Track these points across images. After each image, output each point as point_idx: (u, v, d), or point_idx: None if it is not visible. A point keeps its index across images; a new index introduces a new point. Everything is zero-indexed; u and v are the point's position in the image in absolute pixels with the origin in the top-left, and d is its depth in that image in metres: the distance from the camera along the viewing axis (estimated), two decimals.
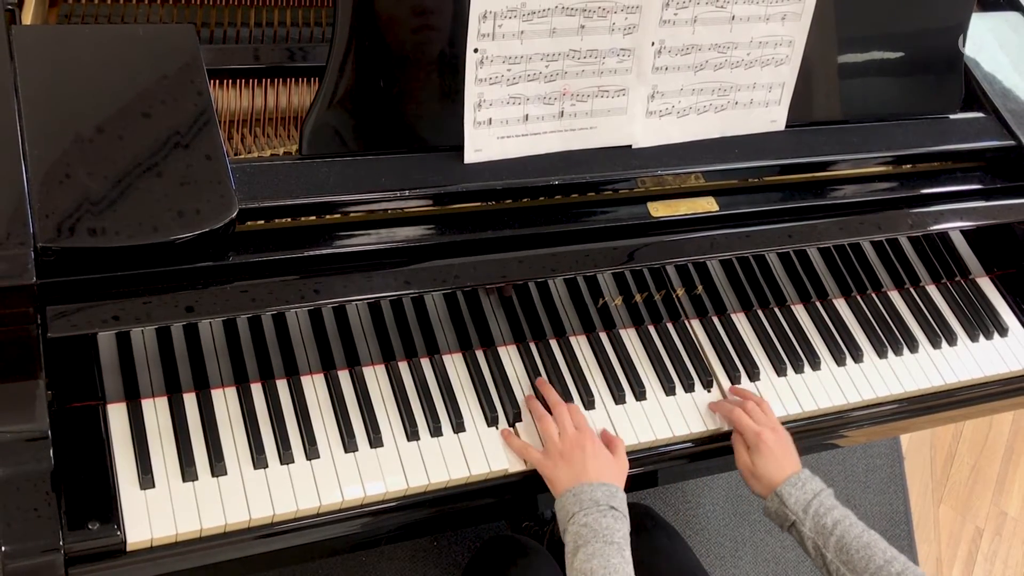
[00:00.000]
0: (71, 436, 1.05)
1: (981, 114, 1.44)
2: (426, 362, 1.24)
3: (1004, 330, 1.51)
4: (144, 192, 1.00)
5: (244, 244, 1.05)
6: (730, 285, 1.40)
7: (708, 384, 1.33)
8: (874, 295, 1.50)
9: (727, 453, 1.27)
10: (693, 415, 1.29)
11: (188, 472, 1.08)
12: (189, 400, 1.14)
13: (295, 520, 1.10)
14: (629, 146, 1.23)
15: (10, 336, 0.96)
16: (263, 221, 1.07)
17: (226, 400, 1.15)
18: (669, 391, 1.31)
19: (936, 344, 1.46)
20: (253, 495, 1.08)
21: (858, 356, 1.41)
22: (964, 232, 1.52)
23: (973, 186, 1.42)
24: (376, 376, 1.22)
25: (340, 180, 1.09)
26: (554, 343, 1.31)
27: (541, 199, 1.20)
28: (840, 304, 1.47)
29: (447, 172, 1.14)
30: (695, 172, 1.25)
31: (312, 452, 1.13)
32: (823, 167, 1.34)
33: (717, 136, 1.28)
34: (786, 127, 1.31)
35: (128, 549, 1.02)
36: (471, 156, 1.15)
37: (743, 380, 1.34)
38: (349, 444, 1.15)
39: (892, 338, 1.44)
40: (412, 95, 1.14)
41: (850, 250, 1.47)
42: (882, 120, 1.38)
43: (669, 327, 1.37)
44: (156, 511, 1.04)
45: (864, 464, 2.27)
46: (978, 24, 1.48)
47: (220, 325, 1.13)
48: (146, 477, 1.06)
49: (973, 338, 1.48)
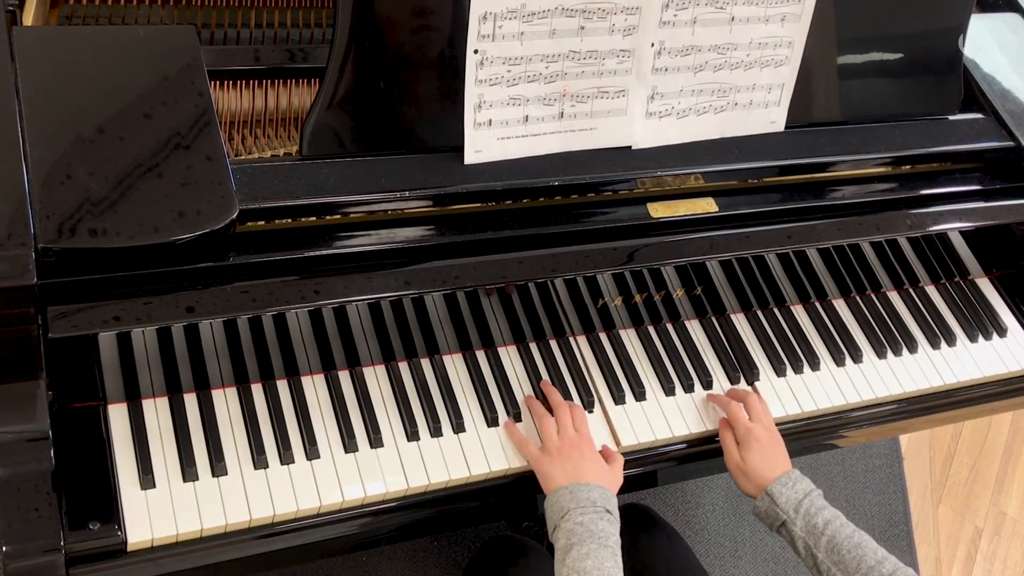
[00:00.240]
0: (72, 436, 1.05)
1: (980, 115, 1.44)
2: (426, 362, 1.25)
3: (1003, 330, 1.51)
4: (145, 193, 1.00)
5: (245, 245, 1.05)
6: (729, 286, 1.40)
7: (708, 384, 1.33)
8: (873, 296, 1.50)
9: None
10: (693, 415, 1.29)
11: (189, 472, 1.08)
12: (190, 400, 1.14)
13: (295, 520, 1.10)
14: (629, 147, 1.23)
15: (11, 336, 0.96)
16: (263, 222, 1.07)
17: (226, 400, 1.15)
18: (669, 391, 1.31)
19: (935, 345, 1.46)
20: (253, 495, 1.08)
21: (857, 356, 1.41)
22: (963, 233, 1.52)
23: (972, 187, 1.42)
24: (376, 376, 1.22)
25: (340, 181, 1.10)
26: (554, 343, 1.31)
27: (541, 200, 1.20)
28: (839, 305, 1.47)
29: (447, 173, 1.14)
30: (695, 173, 1.26)
31: (312, 452, 1.13)
32: (822, 168, 1.34)
33: (717, 137, 1.28)
34: (785, 128, 1.32)
35: (129, 549, 1.02)
36: (471, 157, 1.15)
37: (742, 381, 1.35)
38: (349, 444, 1.15)
39: (891, 339, 1.44)
40: (412, 96, 1.14)
41: (849, 251, 1.47)
42: (881, 121, 1.38)
43: (669, 328, 1.37)
44: (157, 511, 1.05)
45: (863, 464, 2.27)
46: (977, 25, 1.48)
47: (221, 325, 1.13)
48: (147, 477, 1.06)
49: (972, 338, 1.49)
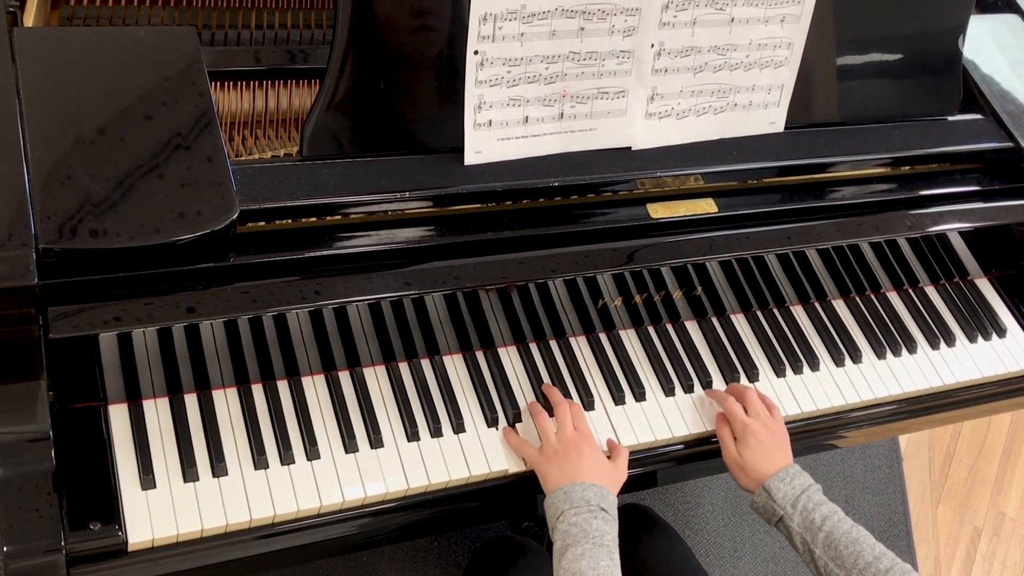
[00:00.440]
0: (73, 437, 1.05)
1: (979, 116, 1.44)
2: (426, 363, 1.25)
3: (1002, 331, 1.51)
4: (145, 193, 1.00)
5: (245, 245, 1.06)
6: (729, 286, 1.40)
7: (707, 385, 1.33)
8: (873, 296, 1.50)
9: None
10: (692, 416, 1.29)
11: (189, 472, 1.08)
12: (190, 401, 1.14)
13: (296, 520, 1.10)
14: (628, 148, 1.24)
15: (12, 337, 0.97)
16: (264, 222, 1.07)
17: (227, 401, 1.15)
18: (668, 392, 1.31)
19: (935, 345, 1.46)
20: (254, 495, 1.09)
21: (857, 357, 1.41)
22: (962, 233, 1.52)
23: (971, 187, 1.42)
24: (376, 377, 1.22)
25: (341, 181, 1.10)
26: (554, 344, 1.32)
27: (541, 200, 1.20)
28: (839, 305, 1.47)
29: (447, 174, 1.14)
30: (694, 174, 1.26)
31: (313, 452, 1.13)
32: (822, 169, 1.34)
33: (716, 138, 1.28)
34: (785, 129, 1.32)
35: (129, 549, 1.03)
36: (471, 158, 1.15)
37: (742, 381, 1.35)
38: (350, 445, 1.15)
39: (891, 339, 1.45)
40: (412, 97, 1.14)
41: (849, 251, 1.47)
42: (881, 122, 1.38)
43: (668, 328, 1.37)
44: (157, 511, 1.05)
45: (863, 465, 2.28)
46: (976, 26, 1.49)
47: (221, 326, 1.13)
48: (147, 477, 1.06)
49: (971, 339, 1.49)
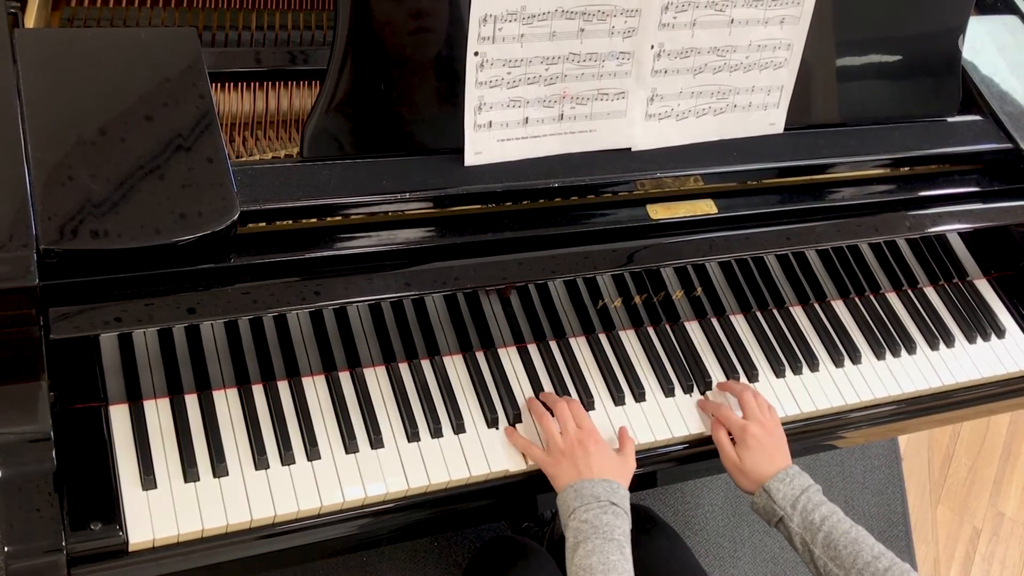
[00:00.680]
0: (73, 437, 1.06)
1: (979, 117, 1.45)
2: (427, 363, 1.25)
3: (1001, 332, 1.52)
4: (146, 194, 1.00)
5: (245, 246, 1.06)
6: (729, 287, 1.41)
7: (707, 386, 1.33)
8: (872, 297, 1.50)
9: None
10: (692, 416, 1.30)
11: (190, 473, 1.08)
12: (191, 401, 1.14)
13: (296, 521, 1.11)
14: (628, 149, 1.24)
15: (13, 338, 0.97)
16: (264, 223, 1.08)
17: (227, 401, 1.16)
18: (668, 392, 1.31)
19: (934, 346, 1.47)
20: (254, 496, 1.09)
21: (856, 358, 1.41)
22: (962, 234, 1.52)
23: (971, 188, 1.42)
24: (377, 377, 1.22)
25: (341, 182, 1.10)
26: (554, 344, 1.32)
27: (541, 201, 1.21)
28: (838, 306, 1.48)
29: (447, 174, 1.14)
30: (694, 175, 1.26)
31: (313, 453, 1.14)
32: (821, 170, 1.34)
33: (716, 139, 1.29)
34: (784, 130, 1.32)
35: (130, 549, 1.03)
36: (471, 159, 1.15)
37: (742, 381, 1.35)
38: (350, 445, 1.15)
39: (890, 340, 1.45)
40: (412, 98, 1.14)
41: (848, 252, 1.47)
42: (880, 123, 1.38)
43: (668, 329, 1.37)
44: (158, 512, 1.05)
45: (862, 465, 2.28)
46: (976, 27, 1.49)
47: (222, 327, 1.14)
48: (148, 478, 1.06)
49: (970, 340, 1.49)
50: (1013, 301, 1.56)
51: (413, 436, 1.18)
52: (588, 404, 1.27)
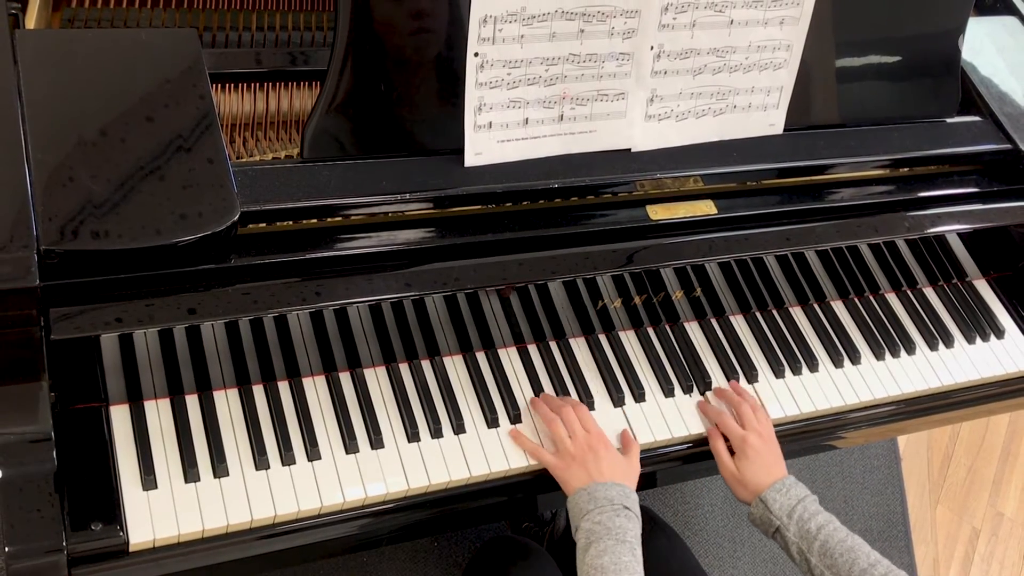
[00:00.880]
0: (74, 437, 1.06)
1: (978, 118, 1.45)
2: (427, 364, 1.25)
3: (1000, 332, 1.52)
4: (147, 195, 1.00)
5: (246, 247, 1.06)
6: (728, 288, 1.41)
7: (707, 386, 1.33)
8: (871, 297, 1.50)
9: None
10: (692, 417, 1.30)
11: (190, 473, 1.08)
12: (191, 402, 1.14)
13: (297, 521, 1.11)
14: (628, 149, 1.24)
15: (14, 338, 0.97)
16: (265, 224, 1.08)
17: (228, 402, 1.16)
18: (668, 393, 1.31)
19: (933, 346, 1.47)
20: (255, 496, 1.09)
21: (855, 358, 1.42)
22: (961, 235, 1.53)
23: (970, 189, 1.42)
24: (377, 378, 1.22)
25: (341, 183, 1.10)
26: (554, 345, 1.32)
27: (541, 202, 1.21)
28: (838, 306, 1.48)
29: (447, 175, 1.14)
30: (694, 175, 1.26)
31: (313, 453, 1.14)
32: (821, 170, 1.35)
33: (716, 140, 1.29)
34: (784, 131, 1.32)
35: (131, 550, 1.03)
36: (471, 159, 1.15)
37: (741, 382, 1.35)
38: (350, 445, 1.16)
39: (889, 340, 1.45)
40: (413, 99, 1.14)
41: (848, 253, 1.47)
42: (879, 124, 1.39)
43: (668, 329, 1.38)
44: (158, 512, 1.05)
45: (862, 465, 2.28)
46: (975, 28, 1.49)
47: (222, 327, 1.14)
48: (148, 478, 1.06)
49: (970, 340, 1.49)
50: (1012, 302, 1.56)
51: (413, 436, 1.18)
52: (588, 404, 1.27)
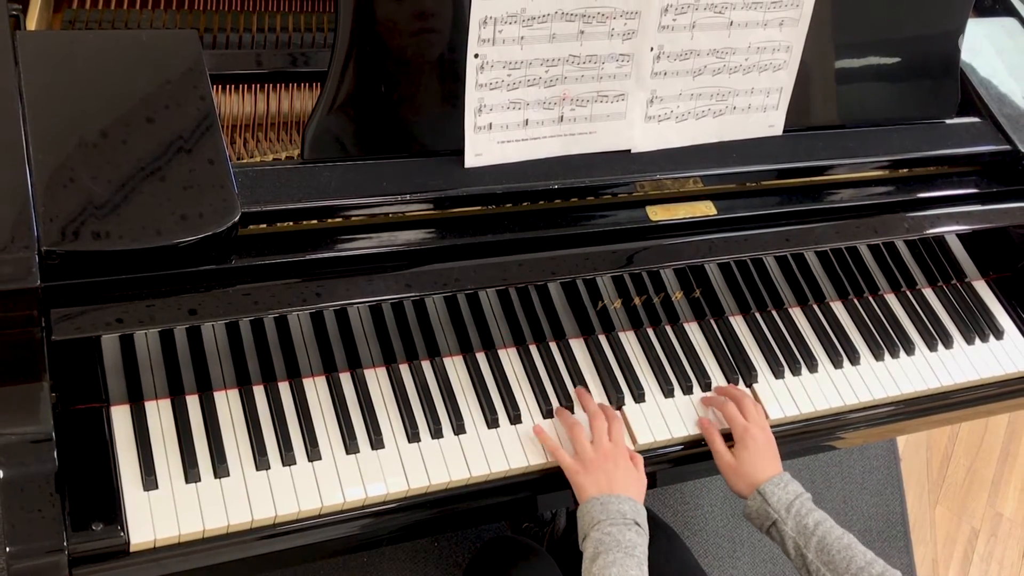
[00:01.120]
0: (75, 438, 1.06)
1: (977, 119, 1.45)
2: (427, 364, 1.25)
3: (1000, 333, 1.52)
4: (147, 196, 1.00)
5: (246, 247, 1.06)
6: (728, 288, 1.41)
7: (706, 387, 1.34)
8: (871, 298, 1.51)
9: None
10: (691, 417, 1.30)
11: (191, 473, 1.09)
12: (192, 402, 1.14)
13: (297, 521, 1.11)
14: (628, 150, 1.24)
15: (14, 339, 0.97)
16: (265, 225, 1.08)
17: (228, 402, 1.16)
18: (668, 393, 1.31)
19: (932, 347, 1.47)
20: (255, 496, 1.09)
21: (855, 359, 1.42)
22: (960, 236, 1.53)
23: (969, 190, 1.43)
24: (377, 378, 1.23)
25: (342, 184, 1.10)
26: (553, 346, 1.32)
27: (541, 203, 1.21)
28: (837, 307, 1.48)
29: (448, 176, 1.15)
30: (693, 176, 1.26)
31: (314, 453, 1.14)
32: (820, 171, 1.35)
33: (715, 141, 1.29)
34: (784, 132, 1.32)
35: (131, 550, 1.03)
36: (471, 160, 1.16)
37: (741, 382, 1.35)
38: (351, 446, 1.16)
39: (889, 341, 1.45)
40: (413, 100, 1.15)
41: (847, 254, 1.48)
42: (879, 125, 1.39)
43: (667, 330, 1.38)
44: (159, 512, 1.05)
45: (861, 466, 2.28)
46: (974, 29, 1.49)
47: (223, 328, 1.14)
48: (149, 478, 1.07)
49: (969, 341, 1.50)
50: (1011, 302, 1.56)
51: (413, 437, 1.19)
52: None
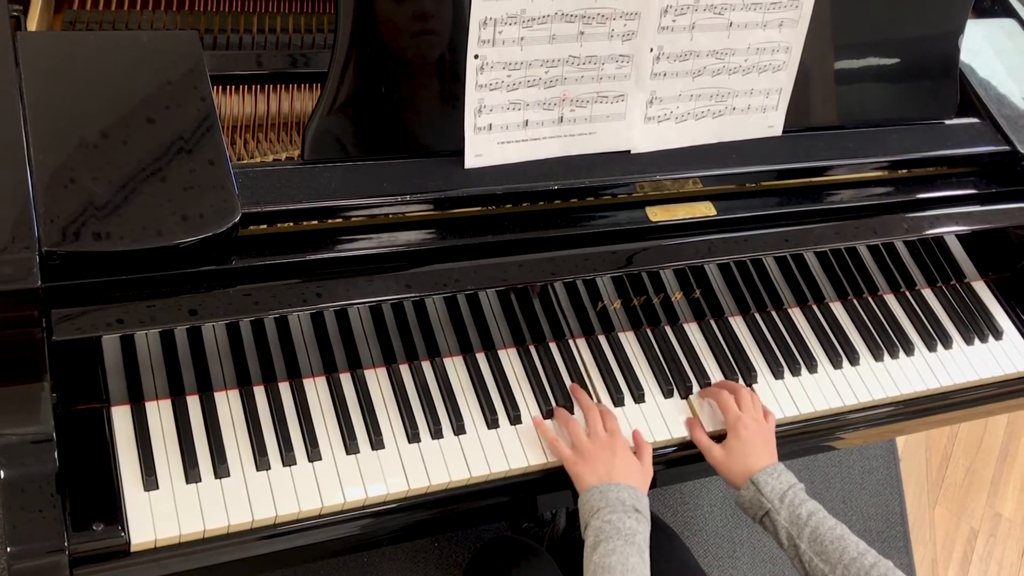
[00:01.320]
0: (76, 438, 1.06)
1: (976, 120, 1.45)
2: (427, 365, 1.25)
3: (999, 333, 1.52)
4: (148, 197, 1.00)
5: (247, 248, 1.06)
6: (728, 289, 1.41)
7: (706, 387, 1.34)
8: (870, 299, 1.51)
9: None
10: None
11: (191, 474, 1.09)
12: (192, 402, 1.15)
13: (297, 521, 1.11)
14: (628, 151, 1.24)
15: (15, 339, 0.97)
16: (266, 225, 1.08)
17: (229, 402, 1.16)
18: (667, 394, 1.32)
19: (931, 347, 1.47)
20: (256, 496, 1.09)
21: (854, 359, 1.42)
22: (959, 236, 1.53)
23: (968, 191, 1.43)
24: (377, 378, 1.23)
25: (342, 185, 1.10)
26: (553, 346, 1.32)
27: (541, 204, 1.21)
28: (836, 308, 1.48)
29: (448, 177, 1.15)
30: (693, 177, 1.26)
31: (314, 454, 1.14)
32: (820, 172, 1.35)
33: (715, 141, 1.29)
34: (783, 132, 1.33)
35: (132, 550, 1.03)
36: (471, 161, 1.16)
37: (740, 383, 1.35)
38: (351, 446, 1.16)
39: (888, 341, 1.45)
40: (413, 101, 1.15)
41: (846, 254, 1.48)
42: (878, 125, 1.39)
43: (667, 330, 1.38)
44: (160, 512, 1.05)
45: (860, 466, 2.28)
46: (973, 30, 1.50)
47: (223, 328, 1.14)
48: (150, 479, 1.07)
49: (968, 341, 1.50)
50: (1010, 303, 1.57)
51: (414, 437, 1.19)
52: None
